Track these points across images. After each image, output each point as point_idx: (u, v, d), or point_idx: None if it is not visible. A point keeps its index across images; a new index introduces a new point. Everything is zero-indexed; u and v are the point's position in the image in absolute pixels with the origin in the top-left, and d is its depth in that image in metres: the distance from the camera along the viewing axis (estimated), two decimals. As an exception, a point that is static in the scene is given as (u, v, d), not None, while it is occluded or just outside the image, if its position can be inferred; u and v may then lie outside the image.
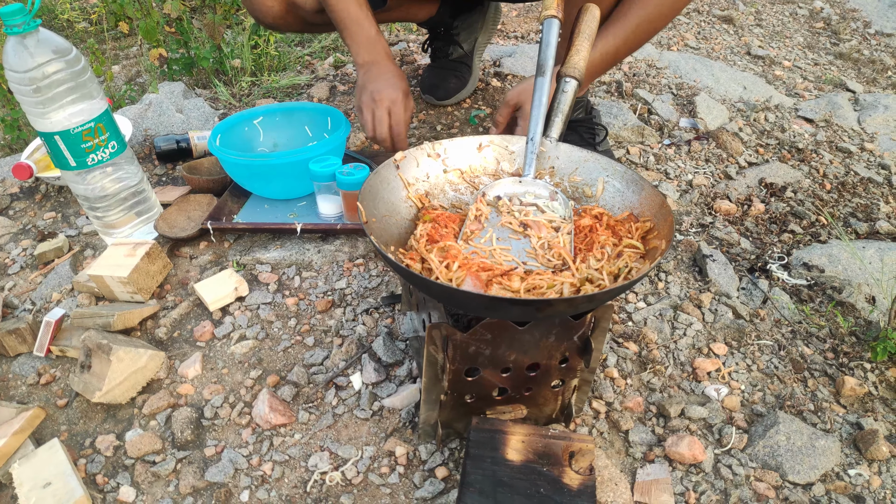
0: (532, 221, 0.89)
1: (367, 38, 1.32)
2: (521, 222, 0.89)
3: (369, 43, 1.32)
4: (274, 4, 1.32)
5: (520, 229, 0.89)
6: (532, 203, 0.92)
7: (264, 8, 1.32)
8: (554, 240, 0.87)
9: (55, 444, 0.92)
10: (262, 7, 1.32)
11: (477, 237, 0.88)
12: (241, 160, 1.26)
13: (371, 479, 0.90)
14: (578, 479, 0.80)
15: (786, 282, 1.25)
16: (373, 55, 1.32)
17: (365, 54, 1.32)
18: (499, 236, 0.88)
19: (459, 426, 0.92)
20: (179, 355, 1.09)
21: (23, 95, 1.09)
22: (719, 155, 1.66)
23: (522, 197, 0.93)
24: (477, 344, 0.79)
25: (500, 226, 0.90)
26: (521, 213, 0.91)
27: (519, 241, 0.88)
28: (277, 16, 1.37)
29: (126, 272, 1.13)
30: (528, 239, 0.88)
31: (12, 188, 1.57)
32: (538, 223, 0.89)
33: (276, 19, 1.37)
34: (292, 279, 1.23)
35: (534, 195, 0.92)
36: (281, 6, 1.32)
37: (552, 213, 0.91)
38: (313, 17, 1.37)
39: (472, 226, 0.89)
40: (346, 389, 1.02)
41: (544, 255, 0.86)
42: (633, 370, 1.06)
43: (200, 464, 0.92)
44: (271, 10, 1.33)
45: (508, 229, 0.89)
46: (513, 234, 0.89)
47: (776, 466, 0.91)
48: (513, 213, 0.91)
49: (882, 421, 0.99)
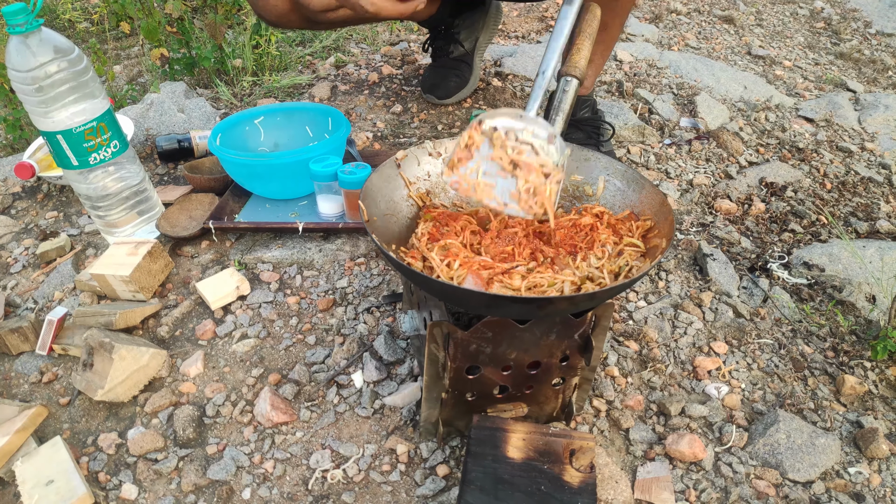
0: (523, 162, 0.83)
1: None
2: (512, 161, 0.83)
3: None
4: (279, 3, 1.32)
5: (509, 167, 0.84)
6: (528, 142, 0.85)
7: (269, 6, 1.32)
8: (541, 186, 0.82)
9: (57, 442, 0.93)
10: (267, 5, 1.32)
11: (463, 166, 0.83)
12: (241, 160, 1.27)
13: (372, 476, 0.90)
14: (579, 477, 0.80)
15: (786, 281, 1.25)
16: None
17: None
18: (486, 170, 0.83)
19: (460, 424, 0.92)
20: (181, 354, 1.09)
21: (25, 95, 1.09)
22: (720, 154, 1.67)
23: (520, 133, 0.86)
24: (478, 342, 0.80)
25: (490, 159, 0.84)
26: (515, 151, 0.84)
27: (505, 179, 0.83)
28: (282, 14, 1.38)
29: (128, 271, 1.14)
30: (515, 180, 0.83)
31: (14, 187, 1.57)
32: (529, 165, 0.83)
33: (280, 17, 1.38)
34: (294, 278, 1.23)
35: (532, 133, 0.86)
36: (286, 5, 1.32)
37: (546, 156, 0.85)
38: (318, 15, 1.37)
39: (461, 153, 0.84)
40: (347, 388, 1.02)
41: (527, 200, 0.82)
42: (633, 369, 1.06)
43: (202, 462, 0.93)
44: (276, 8, 1.33)
45: (497, 165, 0.84)
46: (501, 171, 0.84)
47: (776, 464, 0.92)
48: (506, 148, 0.85)
49: (882, 419, 0.99)
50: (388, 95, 1.87)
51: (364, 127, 1.73)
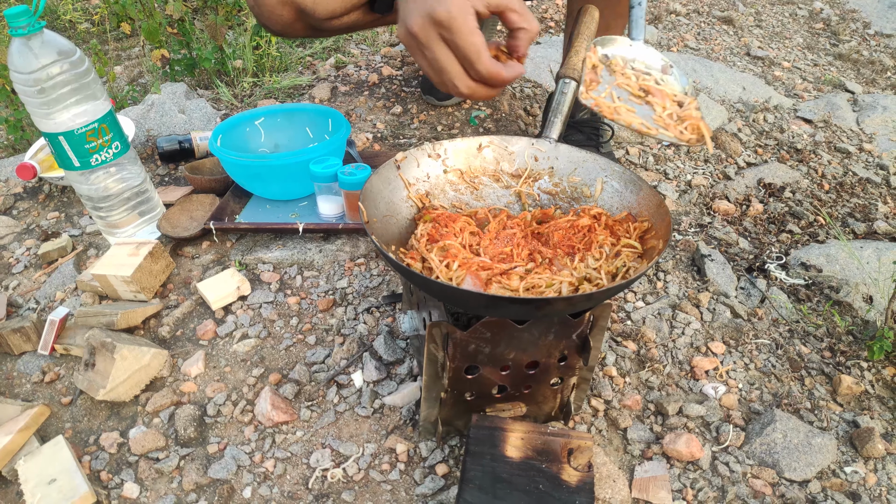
0: (655, 89, 0.79)
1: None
2: (642, 87, 0.79)
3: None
4: (284, 13, 1.32)
5: (640, 94, 0.80)
6: (644, 72, 0.82)
7: (274, 16, 1.32)
8: (685, 112, 0.77)
9: (60, 441, 0.93)
10: (272, 15, 1.32)
11: (595, 90, 0.79)
12: (242, 161, 1.27)
13: (372, 475, 0.91)
14: (577, 476, 0.81)
15: (784, 281, 1.26)
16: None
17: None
18: (618, 95, 0.79)
19: (459, 423, 0.93)
20: (182, 354, 1.10)
21: (27, 96, 1.10)
22: (718, 155, 1.67)
23: (632, 63, 0.82)
24: (477, 342, 0.80)
25: (617, 86, 0.80)
26: (639, 78, 0.80)
27: (642, 106, 0.79)
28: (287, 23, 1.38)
29: (129, 271, 1.14)
30: (651, 107, 0.79)
31: (16, 188, 1.58)
32: (661, 92, 0.79)
33: (285, 27, 1.38)
34: (294, 278, 1.24)
35: (644, 64, 0.82)
36: (291, 14, 1.33)
37: (668, 87, 0.81)
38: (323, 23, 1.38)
39: (590, 75, 0.80)
40: (347, 387, 1.03)
41: (676, 125, 0.77)
42: (631, 369, 1.07)
43: (203, 461, 0.93)
44: (281, 17, 1.34)
45: (626, 91, 0.80)
46: (632, 98, 0.80)
47: (773, 464, 0.92)
48: (628, 75, 0.80)
49: (878, 419, 1.00)
50: (388, 96, 1.88)
51: (364, 128, 1.74)
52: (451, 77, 0.79)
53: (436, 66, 0.79)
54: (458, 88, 0.80)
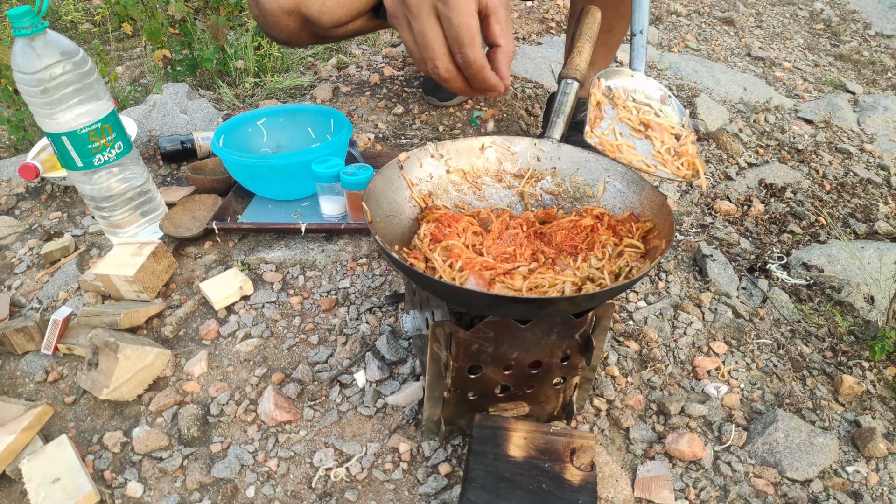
0: (654, 123, 0.81)
1: None
2: (641, 121, 0.81)
3: None
4: (290, 22, 1.32)
5: (640, 128, 0.82)
6: (644, 103, 0.84)
7: (279, 26, 1.32)
8: (681, 147, 0.80)
9: (63, 441, 0.94)
10: (278, 25, 1.32)
11: (598, 126, 0.81)
12: (244, 161, 1.28)
13: (375, 475, 0.91)
14: (580, 476, 0.81)
15: (785, 281, 1.26)
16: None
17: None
18: (620, 131, 0.82)
19: (462, 423, 0.93)
20: (185, 353, 1.10)
21: (30, 97, 1.10)
22: (719, 156, 1.68)
23: (633, 94, 0.84)
24: (479, 342, 0.80)
25: (619, 120, 0.82)
26: (641, 112, 0.82)
27: (642, 141, 0.81)
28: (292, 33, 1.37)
29: (132, 271, 1.15)
30: (651, 141, 0.81)
31: (18, 188, 1.58)
32: (660, 126, 0.82)
33: (290, 36, 1.37)
34: (296, 278, 1.24)
35: (645, 95, 0.84)
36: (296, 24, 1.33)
37: (666, 118, 0.83)
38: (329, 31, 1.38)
39: (594, 112, 0.82)
40: (350, 387, 1.03)
41: (673, 161, 0.79)
42: (633, 368, 1.07)
43: (207, 460, 0.94)
44: (287, 27, 1.33)
45: (628, 126, 0.82)
46: (633, 133, 0.82)
47: (775, 463, 0.92)
48: (629, 108, 0.83)
49: (880, 419, 1.00)
50: (390, 97, 1.88)
51: (365, 128, 1.74)
52: (434, 56, 0.73)
53: (420, 40, 0.73)
54: (437, 69, 0.74)
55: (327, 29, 1.24)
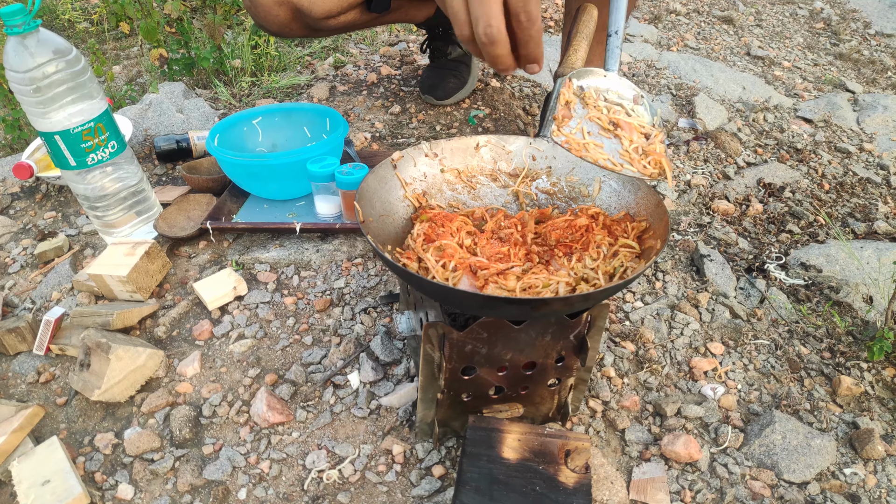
0: (623, 122, 0.82)
1: None
2: (611, 120, 0.81)
3: None
4: (280, 13, 1.31)
5: (609, 127, 0.82)
6: (616, 102, 0.84)
7: (270, 16, 1.32)
8: (649, 147, 0.81)
9: (54, 442, 0.93)
10: (269, 16, 1.32)
11: (566, 126, 0.81)
12: (239, 160, 1.27)
13: (368, 477, 0.90)
14: (574, 478, 0.80)
15: (783, 282, 1.25)
16: None
17: None
18: (588, 130, 0.82)
19: (456, 425, 0.92)
20: (178, 354, 1.10)
21: (23, 95, 1.10)
22: (718, 155, 1.67)
23: (606, 94, 0.84)
24: (473, 343, 0.80)
25: (588, 119, 0.82)
26: (610, 111, 0.83)
27: (610, 140, 0.82)
28: (284, 24, 1.37)
29: (125, 271, 1.14)
30: (619, 140, 0.81)
31: (13, 188, 1.57)
32: (629, 125, 0.82)
33: (281, 27, 1.37)
34: (291, 278, 1.24)
35: (618, 94, 0.84)
36: (287, 14, 1.32)
37: (638, 117, 0.84)
38: (319, 22, 1.37)
39: (563, 111, 0.82)
40: (343, 388, 1.03)
41: (640, 160, 0.80)
42: (630, 369, 1.06)
43: (198, 462, 0.93)
44: (277, 17, 1.33)
45: (597, 125, 0.82)
46: (602, 132, 0.82)
47: (772, 465, 0.92)
48: (600, 108, 0.83)
49: (878, 420, 0.99)
50: (387, 96, 1.87)
51: (362, 127, 1.73)
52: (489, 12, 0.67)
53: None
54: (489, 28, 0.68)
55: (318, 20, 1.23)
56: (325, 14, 1.22)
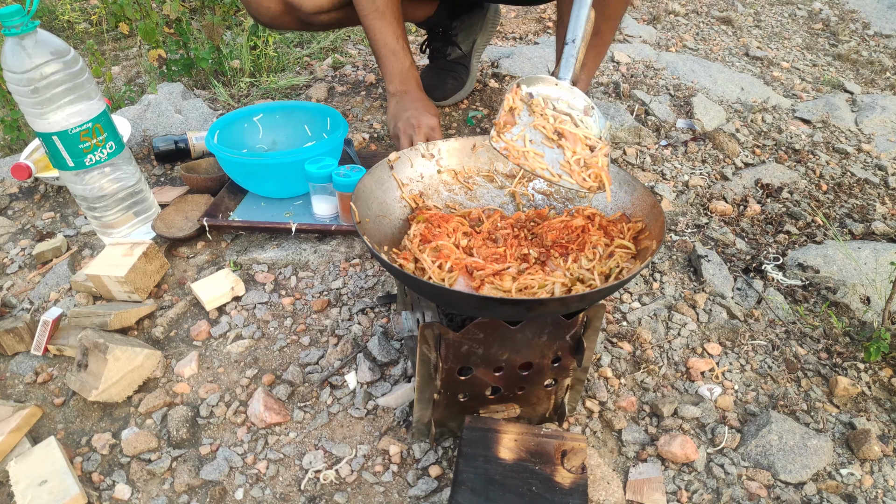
0: (568, 132, 0.81)
1: (401, 69, 1.36)
2: (556, 130, 0.81)
3: (402, 74, 1.37)
4: (272, 5, 1.32)
5: (553, 137, 0.81)
6: (566, 112, 0.83)
7: (262, 8, 1.33)
8: (592, 159, 0.80)
9: (51, 443, 0.93)
10: (260, 7, 1.33)
11: (508, 132, 0.81)
12: (237, 158, 1.27)
13: (365, 477, 0.90)
14: (570, 478, 0.81)
15: (780, 282, 1.25)
16: (405, 85, 1.37)
17: (398, 84, 1.37)
18: (531, 138, 0.81)
19: (453, 425, 0.92)
20: (176, 354, 1.10)
21: (21, 96, 1.10)
22: (716, 156, 1.67)
23: (556, 102, 0.83)
24: (469, 343, 0.80)
25: (532, 127, 0.82)
26: (557, 121, 0.82)
27: (552, 150, 0.81)
28: (275, 16, 1.38)
29: (123, 272, 1.14)
30: (562, 151, 0.81)
31: (11, 188, 1.57)
32: (574, 136, 0.81)
33: (273, 19, 1.38)
34: (289, 279, 1.24)
35: (568, 104, 0.83)
36: (279, 7, 1.33)
37: (585, 129, 0.83)
38: (310, 17, 1.38)
39: (505, 117, 0.82)
40: (340, 388, 1.03)
41: (580, 172, 0.79)
42: (626, 370, 1.06)
43: (195, 462, 0.93)
44: (269, 10, 1.34)
45: (541, 133, 0.82)
46: (545, 141, 0.82)
47: (768, 466, 0.92)
48: (546, 116, 0.82)
49: (875, 421, 1.00)
50: (385, 97, 1.87)
51: (361, 128, 1.74)
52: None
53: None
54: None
55: (310, 15, 1.24)
56: (316, 9, 1.23)
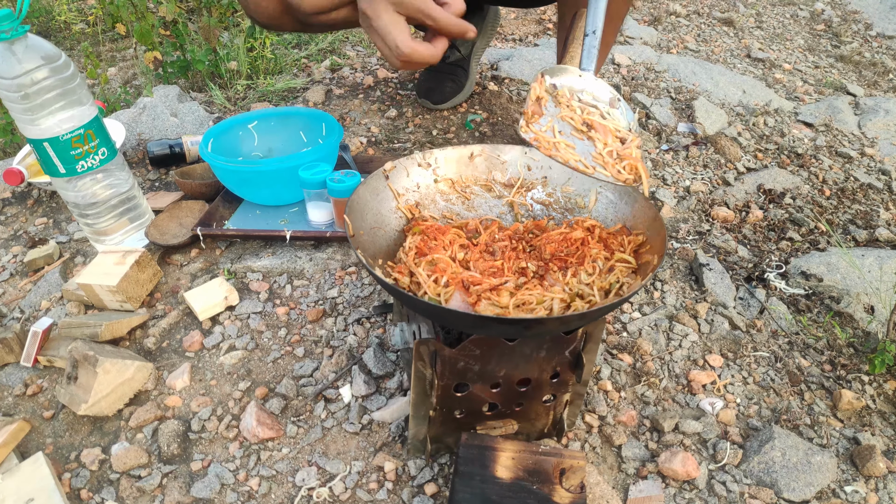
0: (598, 124, 0.78)
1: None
2: (585, 121, 0.79)
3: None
4: (269, 6, 1.30)
5: (583, 128, 0.79)
6: (592, 104, 0.81)
7: (259, 9, 1.31)
8: (625, 151, 0.77)
9: (39, 458, 0.91)
10: (258, 7, 1.30)
11: (536, 123, 0.79)
12: (231, 166, 1.25)
13: (359, 495, 0.88)
14: (569, 498, 0.79)
15: (783, 291, 1.23)
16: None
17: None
18: (560, 129, 0.79)
19: (449, 441, 0.90)
20: (168, 366, 1.08)
21: (11, 102, 1.08)
22: (717, 160, 1.65)
23: (580, 94, 0.81)
24: (466, 359, 0.78)
25: (560, 118, 0.79)
26: (585, 112, 0.80)
27: (582, 141, 0.79)
28: (273, 16, 1.36)
29: (115, 281, 1.12)
30: (592, 143, 0.78)
31: (4, 193, 1.55)
32: (604, 128, 0.78)
33: (271, 19, 1.36)
34: (283, 288, 1.22)
35: (592, 96, 0.81)
36: (276, 7, 1.31)
37: (613, 121, 0.80)
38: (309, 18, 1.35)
39: (533, 107, 0.79)
40: (335, 402, 1.01)
41: (614, 164, 0.77)
42: (627, 382, 1.04)
43: (186, 478, 0.91)
44: (266, 10, 1.32)
45: (569, 125, 0.79)
46: (574, 132, 0.79)
47: (771, 483, 0.90)
48: (573, 107, 0.80)
49: (880, 436, 0.98)
50: (383, 100, 1.85)
51: (358, 132, 1.71)
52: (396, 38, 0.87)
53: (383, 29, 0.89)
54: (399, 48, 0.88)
55: (308, 15, 1.22)
56: (316, 10, 1.20)
